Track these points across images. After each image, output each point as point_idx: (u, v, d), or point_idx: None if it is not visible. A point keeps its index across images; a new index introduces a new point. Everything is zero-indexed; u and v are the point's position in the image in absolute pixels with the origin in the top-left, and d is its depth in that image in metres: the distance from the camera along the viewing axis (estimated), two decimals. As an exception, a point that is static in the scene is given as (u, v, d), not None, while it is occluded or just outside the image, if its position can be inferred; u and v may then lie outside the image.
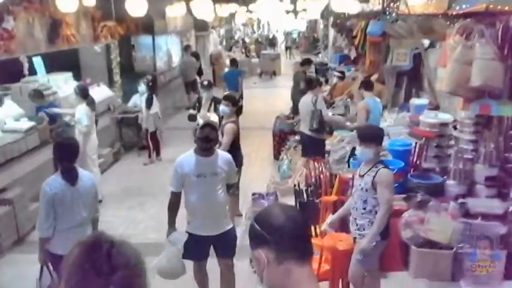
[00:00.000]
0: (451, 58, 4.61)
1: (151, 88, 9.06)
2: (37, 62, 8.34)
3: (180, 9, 9.76)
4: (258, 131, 10.76)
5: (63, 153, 3.81)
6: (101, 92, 9.29)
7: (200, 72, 14.56)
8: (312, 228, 4.80)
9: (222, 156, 4.21)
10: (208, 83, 7.66)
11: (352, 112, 8.46)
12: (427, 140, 5.18)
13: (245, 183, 6.86)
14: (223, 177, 4.14)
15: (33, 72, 8.32)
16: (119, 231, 6.23)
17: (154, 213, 6.71)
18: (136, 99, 9.32)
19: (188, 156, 4.12)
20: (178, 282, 4.23)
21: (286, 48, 30.81)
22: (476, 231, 4.50)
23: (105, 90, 9.61)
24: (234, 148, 5.56)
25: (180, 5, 9.53)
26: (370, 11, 10.10)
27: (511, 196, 4.53)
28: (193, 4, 6.49)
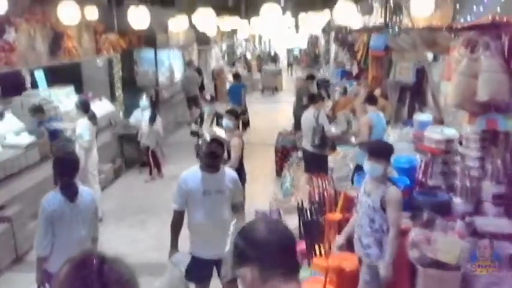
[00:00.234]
0: (456, 71, 4.53)
1: (154, 104, 9.00)
2: (39, 75, 8.32)
3: (183, 22, 9.74)
4: (259, 147, 10.67)
5: (63, 168, 3.73)
6: (102, 106, 9.24)
7: (202, 87, 14.55)
8: (316, 247, 4.69)
9: (228, 173, 4.10)
10: (210, 98, 7.62)
11: (355, 127, 8.39)
12: (433, 156, 5.08)
13: (247, 200, 6.73)
14: (229, 195, 4.02)
15: (35, 85, 8.30)
16: (119, 250, 6.06)
17: (155, 232, 6.59)
18: (138, 114, 9.27)
19: (193, 173, 4.00)
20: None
21: (289, 64, 30.88)
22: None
23: (106, 105, 9.56)
24: (238, 164, 5.47)
25: (182, 18, 9.51)
26: (373, 26, 10.09)
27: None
28: (196, 16, 6.44)
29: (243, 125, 6.39)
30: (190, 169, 4.08)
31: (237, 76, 13.30)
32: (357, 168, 6.01)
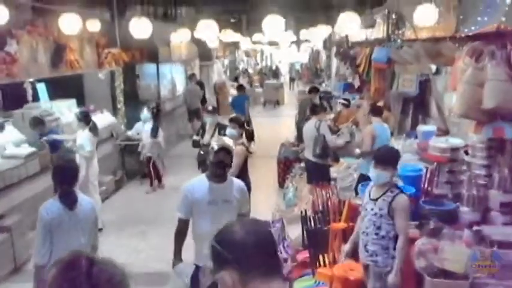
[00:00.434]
0: (462, 80, 4.50)
1: (156, 116, 8.99)
2: (40, 88, 8.32)
3: (185, 35, 9.76)
4: (262, 159, 10.65)
5: (62, 176, 3.66)
6: (104, 119, 9.25)
7: (204, 101, 14.56)
8: (320, 257, 4.60)
9: (236, 183, 4.00)
10: (212, 108, 7.58)
11: (358, 139, 8.34)
12: (439, 165, 5.01)
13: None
14: (236, 205, 3.90)
15: (37, 98, 8.29)
16: (120, 260, 5.95)
17: (156, 242, 6.53)
18: (139, 127, 9.28)
19: (199, 182, 3.90)
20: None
21: (291, 79, 30.98)
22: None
23: (108, 117, 9.56)
24: (242, 172, 5.40)
25: (184, 32, 9.53)
26: (375, 39, 10.09)
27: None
28: (198, 27, 6.44)
29: (248, 138, 6.32)
30: (197, 178, 3.98)
31: (241, 88, 13.36)
32: (361, 179, 5.94)
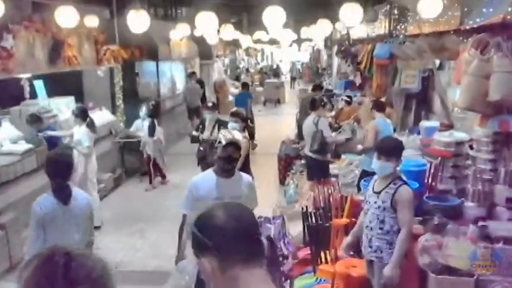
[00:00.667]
0: (467, 72, 4.40)
1: (153, 114, 8.91)
2: (38, 85, 8.23)
3: (184, 31, 9.66)
4: (263, 156, 10.58)
5: (56, 169, 3.54)
6: (102, 116, 9.16)
7: (204, 99, 14.48)
8: (321, 253, 4.49)
9: (244, 178, 3.87)
10: (212, 105, 7.45)
11: (359, 136, 8.25)
12: (443, 159, 4.90)
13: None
14: (244, 201, 3.72)
15: (35, 96, 8.20)
16: (118, 258, 5.94)
17: (155, 240, 6.44)
18: (139, 124, 9.21)
19: (205, 177, 3.77)
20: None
21: (292, 78, 30.90)
22: (497, 256, 4.18)
23: (106, 115, 9.48)
24: (244, 166, 5.31)
25: (184, 27, 9.43)
26: (377, 35, 10.00)
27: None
28: (198, 19, 6.34)
29: (249, 136, 6.24)
30: (203, 173, 3.86)
31: (245, 85, 13.30)
32: (363, 175, 5.84)
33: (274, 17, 5.68)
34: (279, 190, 8.40)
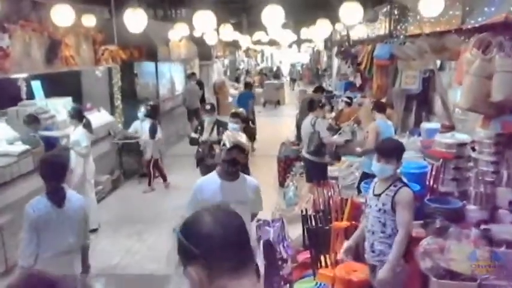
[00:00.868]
0: (469, 73, 4.33)
1: (153, 115, 8.84)
2: (36, 85, 8.16)
3: (183, 31, 9.58)
4: (262, 158, 10.50)
5: (50, 171, 3.46)
6: (100, 117, 9.09)
7: (203, 100, 14.42)
8: (321, 257, 4.41)
9: (250, 181, 3.77)
10: (210, 107, 7.36)
11: (360, 137, 8.17)
12: (444, 161, 4.83)
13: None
14: (250, 205, 3.69)
15: (32, 96, 8.13)
16: (114, 261, 5.87)
17: (152, 242, 6.36)
18: (137, 125, 9.13)
19: (209, 180, 3.67)
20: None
21: (292, 80, 30.85)
22: (501, 260, 4.11)
23: (105, 116, 9.40)
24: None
25: (182, 27, 9.36)
26: (377, 36, 9.93)
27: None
28: (195, 18, 6.26)
29: (250, 137, 6.19)
30: (207, 176, 3.76)
31: (247, 85, 13.25)
32: (364, 177, 5.76)
33: (273, 16, 5.62)
34: (278, 192, 8.33)
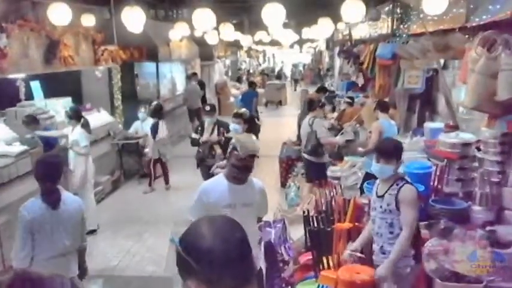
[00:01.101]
0: (474, 71, 4.23)
1: (157, 115, 8.75)
2: (35, 86, 8.11)
3: (183, 31, 9.51)
4: (264, 159, 10.36)
5: (45, 172, 3.40)
6: (100, 117, 9.03)
7: (204, 101, 14.36)
8: (323, 259, 4.32)
9: (256, 183, 3.65)
10: (210, 108, 7.26)
11: (362, 137, 8.09)
12: (449, 161, 4.74)
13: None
14: (255, 208, 3.59)
15: (31, 97, 8.07)
16: (114, 262, 5.79)
17: (152, 244, 6.30)
18: (138, 126, 9.07)
19: (216, 182, 3.55)
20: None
21: (294, 80, 30.79)
22: (508, 262, 4.02)
23: (105, 116, 9.33)
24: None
25: (182, 26, 9.28)
26: (379, 35, 9.84)
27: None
28: (195, 16, 6.19)
29: (254, 133, 6.14)
30: (214, 178, 3.66)
31: (251, 84, 13.20)
32: (366, 177, 5.68)
33: (273, 13, 5.55)
34: (280, 193, 8.24)
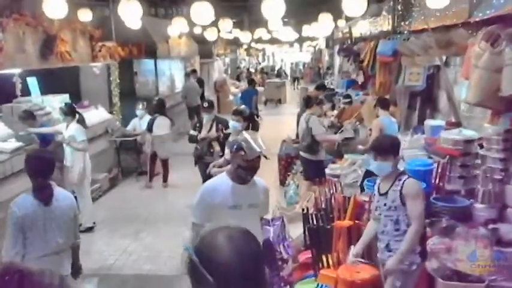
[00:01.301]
0: (478, 66, 4.16)
1: (160, 110, 8.66)
2: (31, 82, 8.02)
3: (181, 27, 9.43)
4: (262, 156, 10.30)
5: (36, 168, 3.32)
6: (98, 114, 8.95)
7: (203, 98, 14.28)
8: (323, 257, 4.25)
9: (259, 183, 3.54)
10: (208, 105, 7.17)
11: (362, 135, 8.02)
12: (451, 158, 4.66)
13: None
14: (259, 209, 3.50)
15: (28, 93, 7.99)
16: (110, 261, 5.70)
17: (149, 242, 6.20)
18: (136, 123, 9.00)
19: (220, 182, 3.41)
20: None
21: (294, 79, 30.72)
22: (510, 260, 3.95)
23: (103, 113, 9.25)
24: None
25: (181, 22, 9.20)
26: (380, 32, 9.76)
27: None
28: (192, 9, 6.10)
29: (254, 129, 6.08)
30: (217, 178, 3.52)
31: (251, 81, 13.13)
32: (367, 175, 5.60)
33: (273, 7, 5.47)
34: (278, 191, 8.15)
